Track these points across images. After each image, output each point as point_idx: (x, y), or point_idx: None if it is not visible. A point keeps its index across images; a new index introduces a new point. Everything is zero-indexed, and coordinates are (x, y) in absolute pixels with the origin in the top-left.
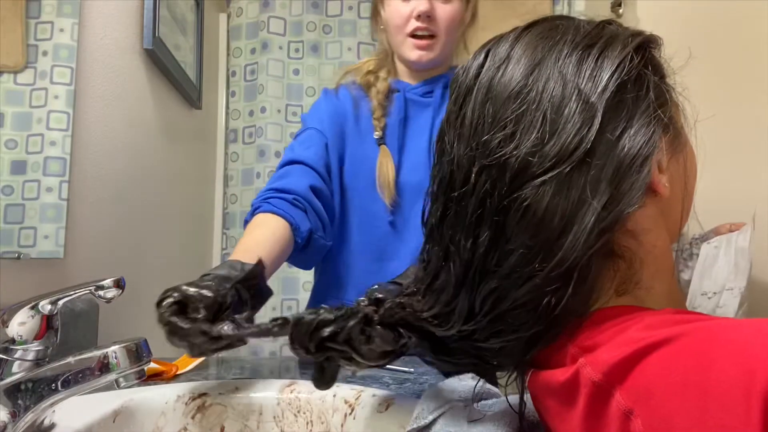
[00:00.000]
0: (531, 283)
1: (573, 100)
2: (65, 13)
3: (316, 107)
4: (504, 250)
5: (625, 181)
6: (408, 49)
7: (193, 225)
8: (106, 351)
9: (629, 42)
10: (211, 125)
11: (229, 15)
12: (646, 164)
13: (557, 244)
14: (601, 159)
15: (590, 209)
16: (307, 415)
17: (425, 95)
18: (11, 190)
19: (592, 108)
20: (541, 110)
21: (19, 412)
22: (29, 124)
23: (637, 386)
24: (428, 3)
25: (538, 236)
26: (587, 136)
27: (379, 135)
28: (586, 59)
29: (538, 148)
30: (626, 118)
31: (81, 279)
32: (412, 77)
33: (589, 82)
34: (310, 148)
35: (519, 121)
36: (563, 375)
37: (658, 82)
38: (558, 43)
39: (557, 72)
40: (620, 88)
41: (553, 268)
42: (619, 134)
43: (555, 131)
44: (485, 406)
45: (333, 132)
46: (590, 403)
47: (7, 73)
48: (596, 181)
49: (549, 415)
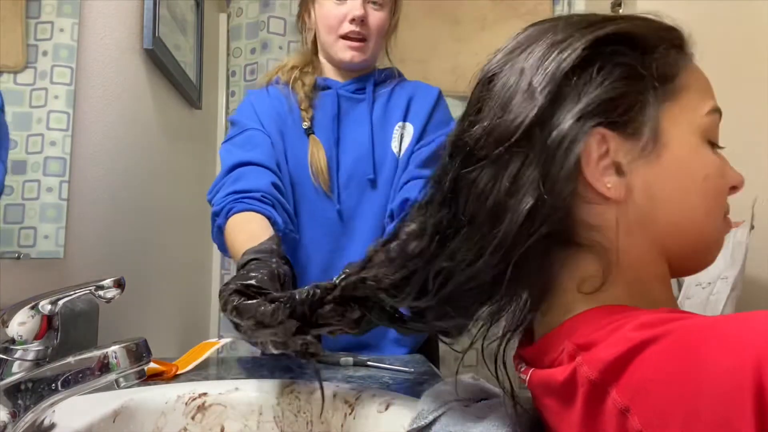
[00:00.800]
0: (473, 268)
1: (523, 91)
2: (65, 13)
3: (247, 108)
4: (454, 228)
5: (552, 171)
6: (340, 49)
7: (193, 225)
8: (106, 351)
9: (594, 32)
10: (211, 125)
11: (229, 15)
12: (569, 155)
13: (494, 230)
14: (531, 150)
15: (523, 197)
16: (307, 415)
17: (357, 92)
18: (11, 190)
19: (534, 100)
20: (497, 100)
21: (19, 412)
22: (29, 124)
23: (632, 383)
24: (362, 9)
25: (476, 217)
26: (521, 125)
27: (308, 125)
28: (549, 54)
29: (485, 133)
30: (565, 111)
31: (81, 279)
32: (340, 75)
33: (541, 75)
34: (256, 149)
35: (482, 107)
36: (561, 374)
37: (618, 81)
38: (537, 40)
39: (521, 66)
40: (565, 77)
41: (492, 251)
42: (552, 125)
43: (500, 118)
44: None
45: (273, 130)
46: (587, 401)
47: (7, 73)
48: (526, 169)
49: (549, 414)
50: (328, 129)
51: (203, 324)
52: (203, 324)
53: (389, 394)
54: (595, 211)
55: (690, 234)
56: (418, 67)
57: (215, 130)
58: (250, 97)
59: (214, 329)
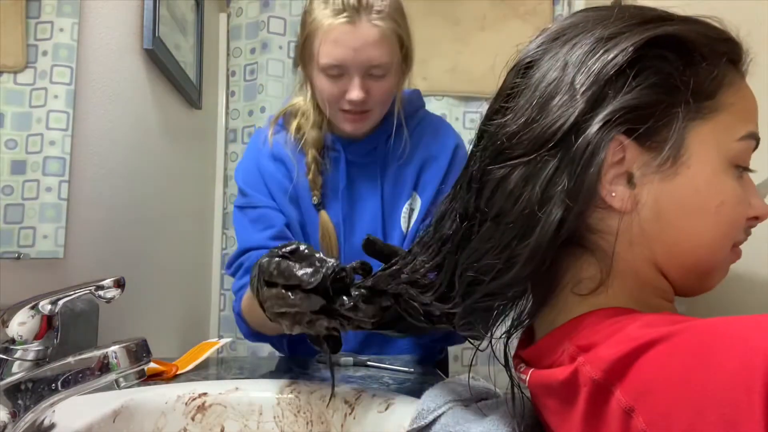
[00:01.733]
0: (503, 279)
1: (565, 91)
2: (65, 13)
3: (254, 177)
4: (475, 222)
5: (578, 180)
6: (340, 121)
7: (193, 225)
8: (106, 351)
9: (644, 33)
10: (211, 125)
11: (229, 15)
12: (593, 163)
13: (524, 240)
14: (564, 155)
15: (548, 214)
16: (307, 415)
17: (368, 155)
18: (11, 189)
19: (575, 103)
20: (536, 93)
21: (19, 412)
22: (29, 123)
23: (637, 383)
24: (361, 91)
25: (503, 216)
26: (560, 130)
27: (317, 200)
28: (595, 51)
29: (519, 131)
30: (597, 116)
31: (81, 279)
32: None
33: (584, 75)
34: (269, 229)
35: (516, 98)
36: (562, 374)
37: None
38: (583, 32)
39: (564, 59)
40: (609, 81)
41: (524, 264)
42: (588, 132)
43: (538, 118)
44: (485, 406)
45: (285, 202)
46: (590, 401)
47: (7, 73)
48: (558, 177)
49: (549, 414)
50: (338, 204)
51: (203, 324)
52: (203, 324)
53: (389, 394)
54: (600, 215)
55: (689, 258)
56: (418, 68)
57: (215, 130)
58: (256, 161)
59: (214, 329)
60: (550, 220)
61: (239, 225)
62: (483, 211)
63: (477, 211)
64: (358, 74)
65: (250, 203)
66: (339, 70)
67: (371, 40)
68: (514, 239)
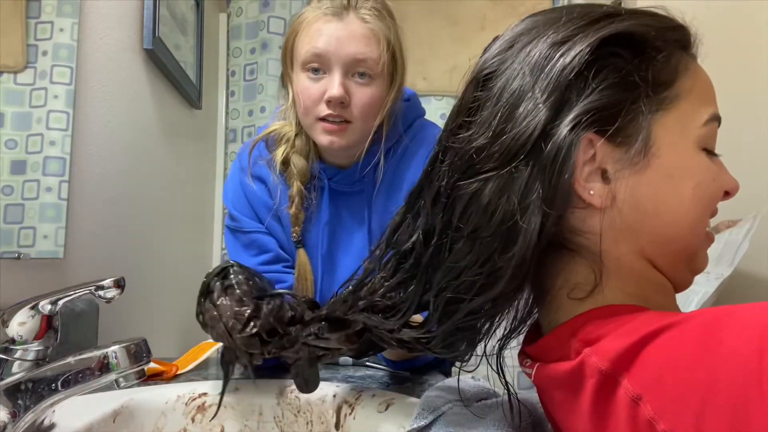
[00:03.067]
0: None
1: (528, 99)
2: (65, 13)
3: (240, 201)
4: (448, 240)
5: (552, 183)
6: (318, 132)
7: (193, 225)
8: (106, 351)
9: (598, 32)
10: (211, 125)
11: (229, 15)
12: (566, 166)
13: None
14: (535, 163)
15: (528, 222)
16: (307, 415)
17: (355, 183)
18: (11, 190)
19: (538, 111)
20: (499, 104)
21: (19, 412)
22: (29, 124)
23: (645, 372)
24: (341, 87)
25: (480, 230)
26: (529, 140)
27: (297, 237)
28: (552, 55)
29: (487, 144)
30: (561, 120)
31: (81, 279)
32: (335, 154)
33: (545, 80)
34: (261, 255)
35: (479, 111)
36: (569, 366)
37: (612, 89)
38: (538, 37)
39: (524, 65)
40: (569, 86)
41: (511, 277)
42: (551, 134)
43: (505, 131)
44: (485, 406)
45: (273, 222)
46: (597, 392)
47: (7, 73)
48: (531, 189)
49: (556, 407)
50: (318, 240)
51: None
52: None
53: (389, 394)
54: (581, 216)
55: (674, 243)
56: (417, 68)
57: (215, 130)
58: (240, 181)
59: None
60: (530, 228)
61: (232, 248)
62: (457, 227)
63: (448, 227)
64: (340, 70)
65: (240, 227)
66: (320, 64)
67: (357, 33)
68: (494, 252)
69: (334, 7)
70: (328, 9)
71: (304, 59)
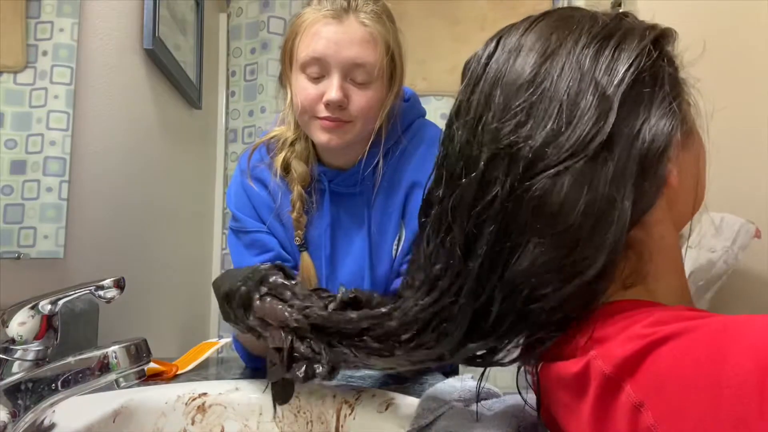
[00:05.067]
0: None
1: (589, 91)
2: (65, 13)
3: (243, 202)
4: (513, 244)
5: (648, 175)
6: (315, 129)
7: (193, 225)
8: (106, 351)
9: (646, 35)
10: (211, 125)
11: (229, 15)
12: (664, 157)
13: (587, 241)
14: (620, 152)
15: (622, 207)
16: (307, 415)
17: (354, 185)
18: (11, 190)
19: (609, 100)
20: (556, 100)
21: (19, 412)
22: (29, 124)
23: (648, 379)
24: (340, 91)
25: (555, 228)
26: (604, 128)
27: (300, 241)
28: (603, 51)
29: (553, 138)
30: (644, 111)
31: (81, 279)
32: (335, 156)
33: (606, 75)
34: (263, 254)
35: (532, 110)
36: (574, 366)
37: (673, 76)
38: (573, 33)
39: (573, 62)
40: (636, 81)
41: (584, 264)
42: (638, 128)
43: (570, 122)
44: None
45: (276, 224)
46: (600, 395)
47: (7, 73)
48: (620, 176)
49: (559, 407)
50: (321, 242)
51: (203, 324)
52: (203, 324)
53: (389, 394)
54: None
55: (696, 205)
56: (418, 67)
57: (215, 130)
58: (243, 184)
59: (214, 329)
60: (624, 213)
61: (234, 249)
62: (527, 228)
63: (506, 233)
64: (339, 73)
65: (242, 228)
66: (319, 67)
67: (356, 37)
68: (579, 243)
69: (334, 10)
70: (327, 11)
71: (303, 62)
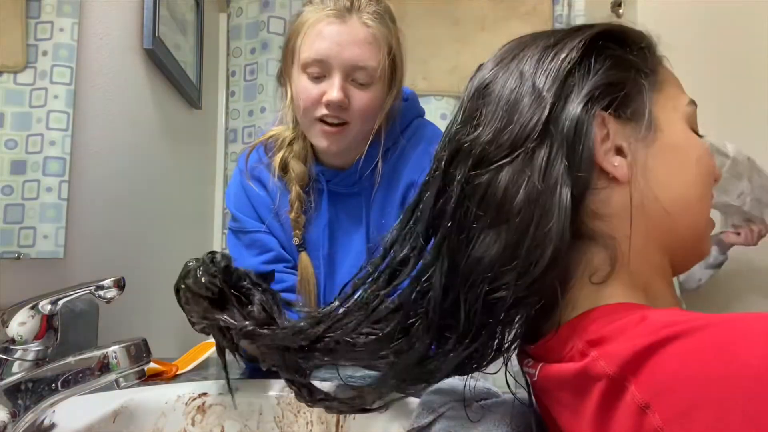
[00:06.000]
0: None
1: (528, 93)
2: (65, 13)
3: (242, 202)
4: (467, 237)
5: (575, 160)
6: (316, 135)
7: (193, 225)
8: (106, 351)
9: (587, 32)
10: (211, 125)
11: (229, 15)
12: (586, 139)
13: (534, 231)
14: (550, 143)
15: (560, 194)
16: (307, 415)
17: (353, 185)
18: (11, 190)
19: (543, 99)
20: (501, 104)
21: (19, 412)
22: (29, 124)
23: (654, 380)
24: (341, 92)
25: (501, 219)
26: (537, 125)
27: (298, 241)
28: (546, 57)
29: (496, 137)
30: (571, 103)
31: (81, 279)
32: (333, 156)
33: (543, 76)
34: (262, 254)
35: (482, 114)
36: (575, 368)
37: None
38: (531, 45)
39: (518, 71)
40: (569, 74)
41: (554, 251)
42: (563, 118)
43: (511, 122)
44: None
45: (275, 223)
46: (603, 396)
47: (7, 73)
48: (552, 164)
49: (561, 409)
50: (319, 242)
51: None
52: None
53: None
54: (601, 197)
55: (684, 220)
56: (418, 67)
57: (215, 130)
58: (242, 184)
59: None
60: (563, 199)
61: (234, 249)
62: (476, 218)
63: (462, 224)
64: (340, 74)
65: (242, 228)
66: (320, 68)
67: (359, 38)
68: (526, 232)
69: (337, 9)
70: (330, 11)
71: (305, 61)
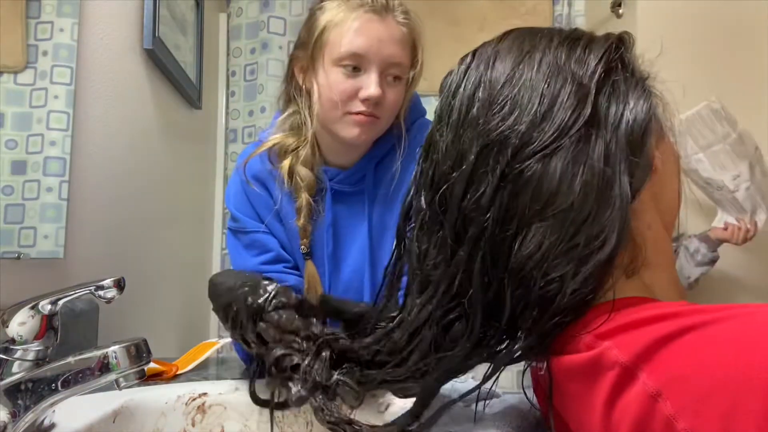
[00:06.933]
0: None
1: (567, 81)
2: (65, 13)
3: (243, 203)
4: (514, 231)
5: (637, 152)
6: (346, 125)
7: (193, 225)
8: (106, 351)
9: (610, 36)
10: (211, 125)
11: (229, 15)
12: (647, 136)
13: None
14: (606, 131)
15: (621, 182)
16: (307, 415)
17: (356, 183)
18: (11, 190)
19: (585, 87)
20: (537, 91)
21: (19, 412)
22: (29, 124)
23: (667, 369)
24: (380, 88)
25: (556, 209)
26: (584, 112)
27: (306, 249)
28: (575, 49)
29: (537, 124)
30: (622, 96)
31: (81, 279)
32: (339, 154)
33: (580, 67)
34: (262, 255)
35: (515, 102)
36: (587, 357)
37: (638, 72)
38: (545, 37)
39: (550, 57)
40: (608, 71)
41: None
42: (620, 110)
43: (552, 108)
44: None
45: (277, 226)
46: (614, 385)
47: (7, 73)
48: (612, 152)
49: (570, 400)
50: (323, 240)
51: (203, 324)
52: (203, 324)
53: (389, 394)
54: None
55: (674, 211)
56: None
57: (215, 130)
58: (242, 184)
59: (214, 329)
60: (624, 187)
61: (233, 250)
62: (522, 215)
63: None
64: (377, 70)
65: (241, 228)
66: (358, 63)
67: (397, 36)
68: (585, 221)
69: (374, 7)
70: (369, 7)
71: (342, 55)
